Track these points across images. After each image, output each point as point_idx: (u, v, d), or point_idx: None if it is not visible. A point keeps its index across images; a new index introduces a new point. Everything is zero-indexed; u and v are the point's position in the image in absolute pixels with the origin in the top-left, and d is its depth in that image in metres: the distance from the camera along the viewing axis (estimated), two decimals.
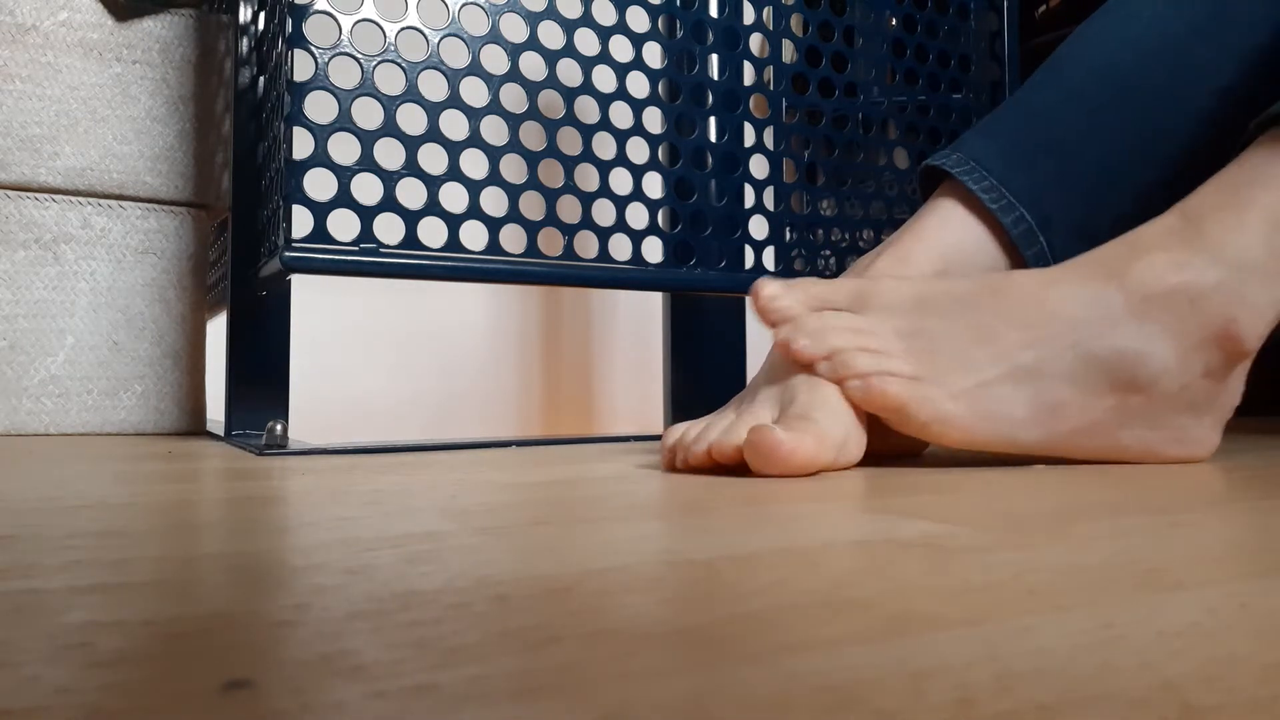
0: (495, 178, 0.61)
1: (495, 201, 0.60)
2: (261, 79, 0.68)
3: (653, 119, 0.67)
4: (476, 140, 0.60)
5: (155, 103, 0.77)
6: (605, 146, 0.65)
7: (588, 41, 0.64)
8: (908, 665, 0.14)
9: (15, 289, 0.73)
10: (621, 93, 0.66)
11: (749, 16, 0.71)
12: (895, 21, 0.79)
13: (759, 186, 0.71)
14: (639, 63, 0.66)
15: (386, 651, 0.14)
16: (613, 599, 0.18)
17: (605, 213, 0.65)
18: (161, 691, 0.13)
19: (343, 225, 0.55)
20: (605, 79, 0.65)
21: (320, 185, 0.55)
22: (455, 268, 0.59)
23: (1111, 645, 0.15)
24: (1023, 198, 0.52)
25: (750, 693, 0.13)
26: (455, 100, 0.59)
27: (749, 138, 0.71)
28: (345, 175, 0.56)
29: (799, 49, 0.74)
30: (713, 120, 0.70)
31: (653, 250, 0.68)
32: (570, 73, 0.63)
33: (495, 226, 0.61)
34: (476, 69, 0.60)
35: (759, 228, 0.71)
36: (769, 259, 0.72)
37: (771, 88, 0.72)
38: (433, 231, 0.58)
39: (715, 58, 0.71)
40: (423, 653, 0.14)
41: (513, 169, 0.61)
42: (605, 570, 0.20)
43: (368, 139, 0.57)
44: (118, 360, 0.75)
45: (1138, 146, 0.53)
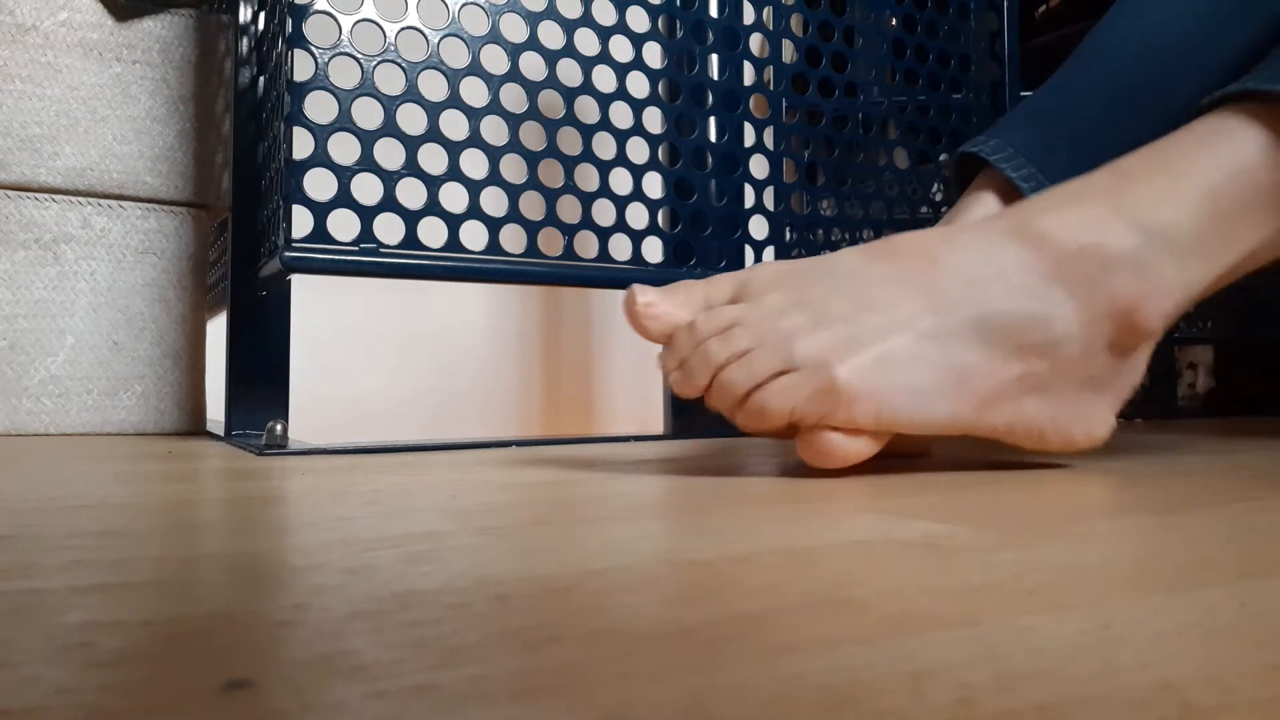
0: (495, 178, 0.61)
1: (495, 201, 0.60)
2: (261, 79, 0.68)
3: (653, 119, 0.67)
4: (476, 140, 0.60)
5: (155, 103, 0.77)
6: (605, 146, 0.65)
7: (588, 41, 0.64)
8: (908, 665, 0.14)
9: (15, 289, 0.73)
10: (621, 93, 0.66)
11: (749, 16, 0.71)
12: (895, 21, 0.79)
13: (759, 186, 0.71)
14: (639, 63, 0.66)
15: (386, 651, 0.14)
16: (613, 599, 0.18)
17: (605, 213, 0.65)
18: (161, 691, 0.13)
19: (343, 225, 0.55)
20: (605, 79, 0.65)
21: (320, 185, 0.55)
22: (455, 268, 0.59)
23: (1111, 645, 0.15)
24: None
25: (750, 693, 0.13)
26: (455, 100, 0.59)
27: (749, 138, 0.71)
28: (345, 175, 0.56)
29: (799, 49, 0.74)
30: (713, 120, 0.70)
31: (653, 250, 0.68)
32: (570, 73, 0.63)
33: (495, 226, 0.61)
34: (476, 69, 0.60)
35: (759, 228, 0.71)
36: (769, 259, 0.72)
37: (771, 88, 0.72)
38: (433, 231, 0.58)
39: (715, 58, 0.71)
40: (423, 653, 0.14)
41: (513, 169, 0.61)
42: (605, 570, 0.20)
43: (368, 139, 0.57)
44: (118, 360, 0.75)
45: (1164, 127, 0.52)
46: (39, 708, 0.12)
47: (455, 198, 0.59)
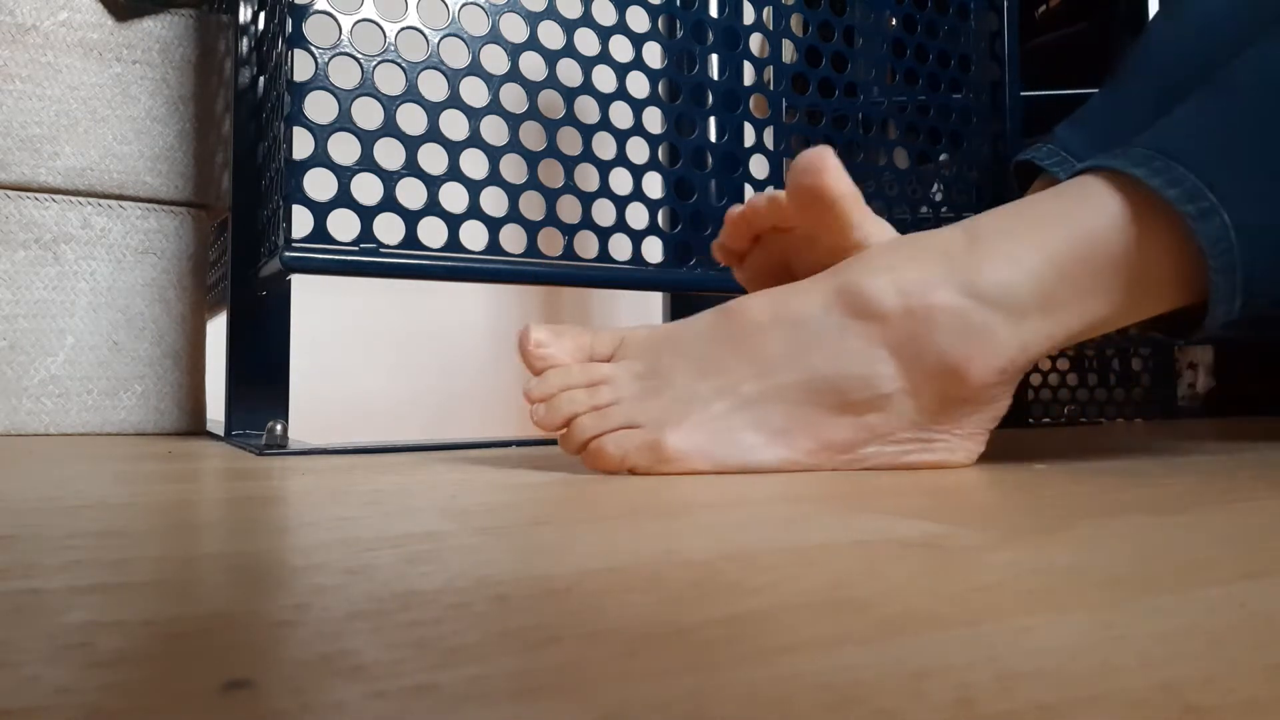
0: (495, 178, 0.61)
1: (495, 201, 0.60)
2: (261, 79, 0.68)
3: (653, 119, 0.67)
4: (476, 140, 0.60)
5: (155, 103, 0.77)
6: (605, 146, 0.65)
7: (588, 41, 0.64)
8: (908, 665, 0.14)
9: (15, 289, 0.73)
10: (621, 93, 0.66)
11: (749, 16, 0.71)
12: (895, 21, 0.79)
13: (759, 186, 0.71)
14: (639, 63, 0.66)
15: (386, 651, 0.14)
16: (612, 599, 0.18)
17: (605, 213, 0.65)
18: (161, 691, 0.13)
19: (343, 225, 0.55)
20: (605, 79, 0.65)
21: (320, 185, 0.55)
22: (455, 268, 0.59)
23: (1111, 645, 0.15)
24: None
25: (750, 693, 0.13)
26: (455, 100, 0.59)
27: (749, 138, 0.71)
28: (345, 175, 0.56)
29: (799, 49, 0.74)
30: (713, 120, 0.70)
31: (653, 250, 0.68)
32: (570, 73, 0.63)
33: (495, 226, 0.61)
34: (476, 69, 0.60)
35: None
36: None
37: (771, 88, 0.72)
38: (433, 231, 0.58)
39: (715, 58, 0.71)
40: (423, 653, 0.14)
41: (513, 169, 0.61)
42: (605, 570, 0.20)
43: (368, 139, 0.57)
44: (118, 360, 0.75)
45: None
46: (39, 708, 0.12)
47: (455, 198, 0.59)
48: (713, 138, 0.70)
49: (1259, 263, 0.39)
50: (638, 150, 0.66)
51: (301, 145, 0.55)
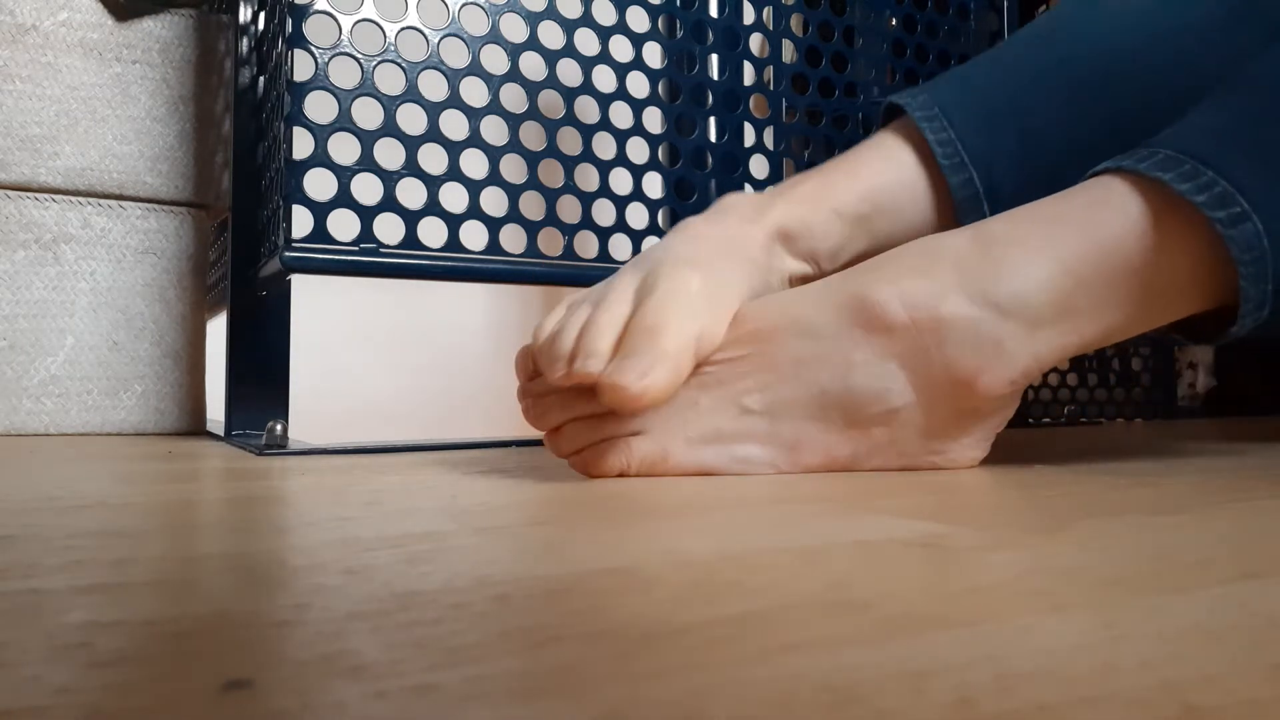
0: (495, 178, 0.61)
1: (495, 201, 0.60)
2: (261, 79, 0.68)
3: (653, 119, 0.67)
4: (476, 140, 0.60)
5: (155, 103, 0.77)
6: (605, 146, 0.65)
7: (588, 41, 0.64)
8: (908, 665, 0.14)
9: (15, 289, 0.73)
10: (621, 93, 0.66)
11: (749, 16, 0.71)
12: (895, 21, 0.79)
13: (759, 186, 0.71)
14: (639, 63, 0.66)
15: (386, 651, 0.14)
16: (613, 599, 0.18)
17: (605, 213, 0.65)
18: (161, 691, 0.13)
19: (343, 225, 0.55)
20: (605, 79, 0.65)
21: (320, 185, 0.55)
22: (455, 268, 0.59)
23: (1112, 645, 0.15)
24: (978, 162, 0.49)
25: (750, 693, 0.13)
26: (455, 100, 0.59)
27: (749, 138, 0.71)
28: (345, 175, 0.56)
29: (799, 49, 0.74)
30: (713, 120, 0.70)
31: None
32: (570, 73, 0.63)
33: (495, 226, 0.61)
34: (476, 69, 0.60)
35: None
36: None
37: (771, 88, 0.72)
38: (433, 231, 0.58)
39: (715, 58, 0.71)
40: (423, 653, 0.14)
41: (513, 169, 0.61)
42: (605, 570, 0.20)
43: (368, 139, 0.57)
44: (118, 360, 0.75)
45: (1111, 138, 0.48)
46: (39, 708, 0.12)
47: (455, 198, 0.59)
48: (713, 138, 0.70)
49: None
50: (638, 150, 0.66)
51: (301, 145, 0.55)
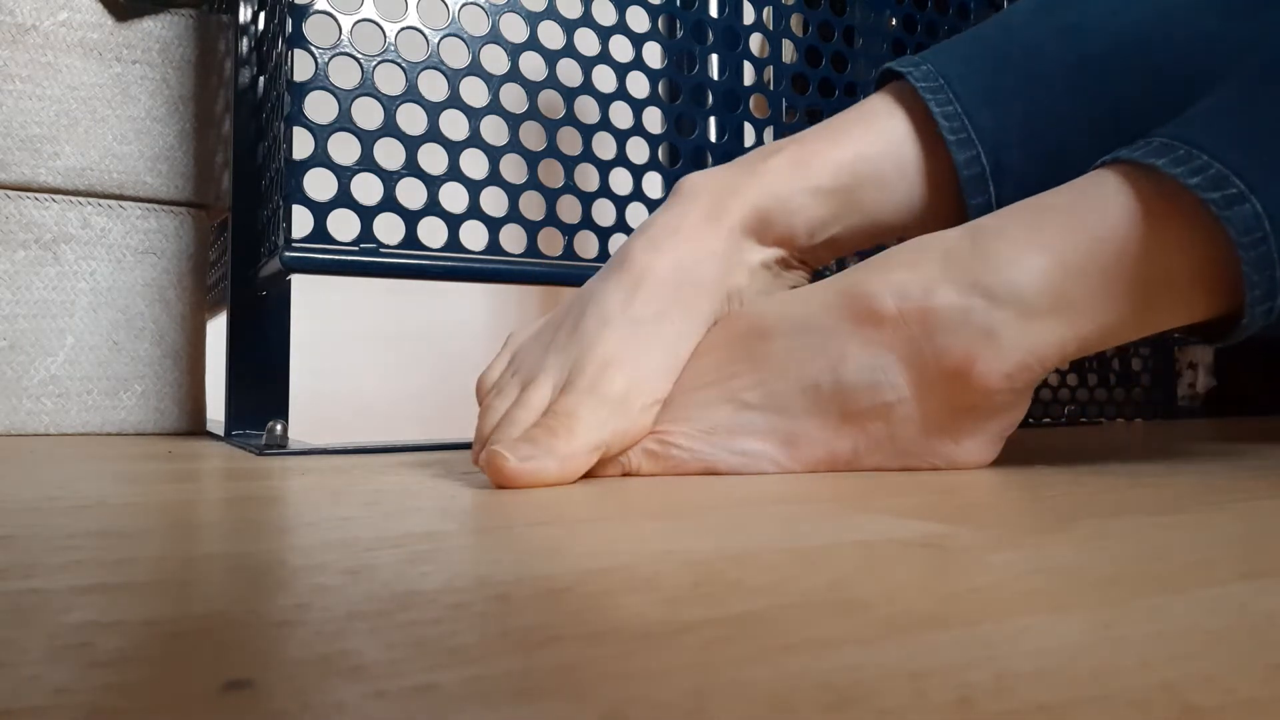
0: (495, 178, 0.61)
1: (495, 201, 0.60)
2: (261, 79, 0.68)
3: (653, 119, 0.67)
4: (476, 140, 0.60)
5: (155, 103, 0.77)
6: (605, 146, 0.65)
7: (588, 41, 0.64)
8: (908, 665, 0.14)
9: (15, 289, 0.73)
10: (621, 93, 0.66)
11: (749, 16, 0.71)
12: (895, 21, 0.79)
13: None
14: (639, 63, 0.66)
15: (386, 651, 0.14)
16: (613, 599, 0.18)
17: (605, 213, 0.65)
18: (161, 691, 0.13)
19: (343, 225, 0.55)
20: (605, 79, 0.65)
21: (320, 185, 0.55)
22: (455, 268, 0.59)
23: (1111, 645, 0.15)
24: (985, 139, 0.46)
25: (751, 692, 0.13)
26: (455, 100, 0.59)
27: (749, 138, 0.71)
28: (345, 175, 0.56)
29: (799, 49, 0.74)
30: (713, 120, 0.70)
31: None
32: (570, 73, 0.63)
33: (495, 226, 0.61)
34: (476, 69, 0.60)
35: None
36: None
37: (771, 88, 0.72)
38: (433, 231, 0.58)
39: (715, 58, 0.71)
40: (423, 653, 0.14)
41: (513, 169, 0.61)
42: (605, 570, 0.20)
43: (368, 139, 0.57)
44: (118, 360, 0.75)
45: (1119, 115, 0.46)
46: (39, 708, 0.12)
47: (455, 198, 0.59)
48: (713, 138, 0.70)
49: None
50: (638, 150, 0.66)
51: (301, 145, 0.55)
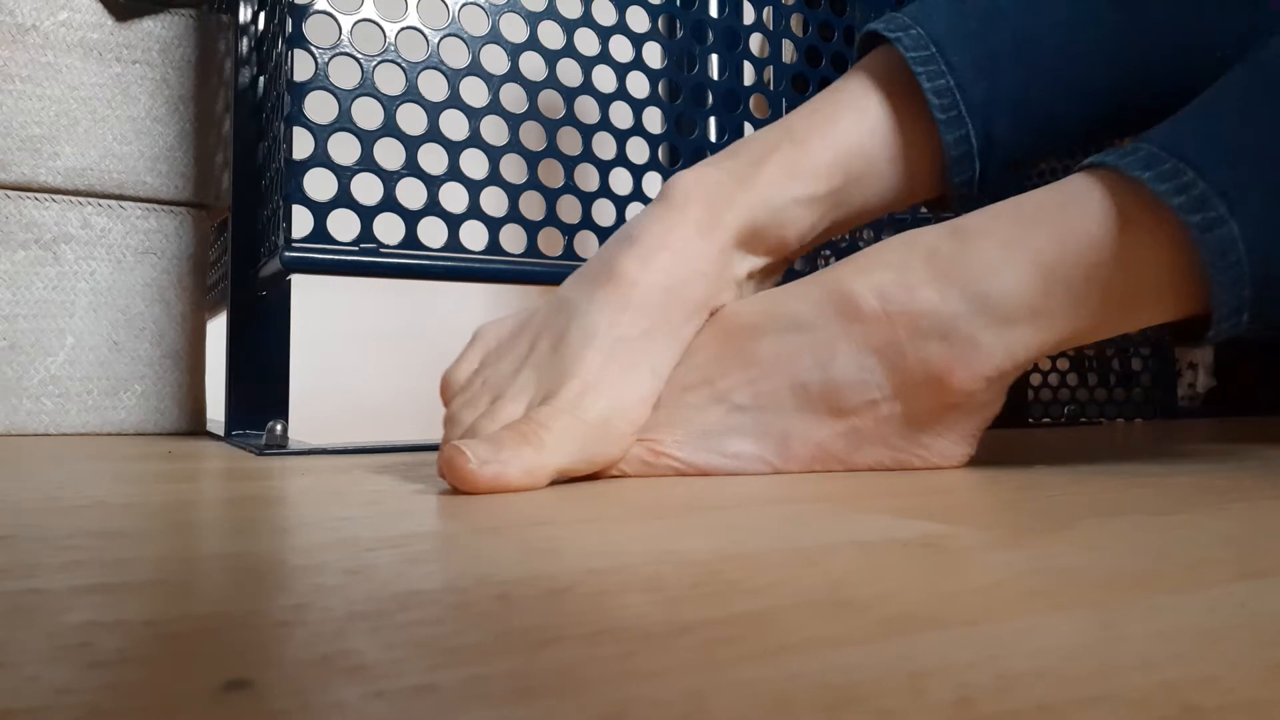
0: (495, 178, 0.61)
1: (495, 201, 0.60)
2: (261, 79, 0.68)
3: (653, 119, 0.67)
4: (476, 140, 0.60)
5: (155, 103, 0.77)
6: (605, 146, 0.65)
7: (588, 41, 0.64)
8: (908, 665, 0.14)
9: (15, 289, 0.73)
10: (621, 93, 0.66)
11: (749, 16, 0.71)
12: None
13: None
14: (639, 63, 0.66)
15: (386, 651, 0.14)
16: (613, 599, 0.18)
17: (605, 213, 0.65)
18: (161, 691, 0.13)
19: (343, 225, 0.55)
20: (605, 79, 0.65)
21: (320, 185, 0.55)
22: (455, 268, 0.59)
23: (1111, 645, 0.15)
24: (975, 113, 0.45)
25: (750, 692, 0.13)
26: (455, 100, 0.59)
27: None
28: (345, 175, 0.56)
29: (799, 49, 0.74)
30: (713, 120, 0.70)
31: None
32: (570, 73, 0.63)
33: (495, 226, 0.61)
34: (476, 69, 0.60)
35: None
36: None
37: (771, 88, 0.72)
38: (433, 231, 0.58)
39: (715, 58, 0.71)
40: (423, 653, 0.14)
41: (513, 169, 0.61)
42: (605, 570, 0.20)
43: (368, 139, 0.57)
44: (118, 360, 0.75)
45: (1111, 79, 0.45)
46: (39, 708, 0.12)
47: (455, 198, 0.59)
48: (713, 138, 0.70)
49: (1273, 279, 0.36)
50: (638, 150, 0.66)
51: (301, 145, 0.55)
